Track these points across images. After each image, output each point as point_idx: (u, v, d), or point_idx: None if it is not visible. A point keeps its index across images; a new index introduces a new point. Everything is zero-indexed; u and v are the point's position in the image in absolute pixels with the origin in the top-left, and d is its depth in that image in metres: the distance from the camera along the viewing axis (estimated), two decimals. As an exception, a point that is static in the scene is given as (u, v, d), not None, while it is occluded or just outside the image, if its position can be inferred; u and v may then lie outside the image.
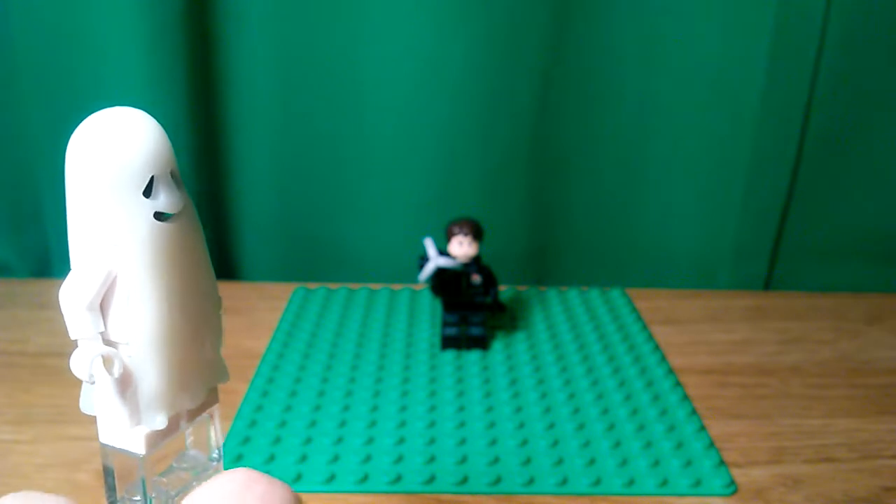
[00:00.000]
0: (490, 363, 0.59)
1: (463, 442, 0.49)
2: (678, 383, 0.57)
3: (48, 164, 0.70)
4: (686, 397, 0.55)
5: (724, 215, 0.74)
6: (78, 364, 0.26)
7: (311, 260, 0.76)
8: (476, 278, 0.60)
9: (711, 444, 0.49)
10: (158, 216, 0.26)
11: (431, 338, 0.63)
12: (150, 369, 0.26)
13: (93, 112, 0.25)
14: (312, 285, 0.72)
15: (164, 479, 0.29)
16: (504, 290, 0.70)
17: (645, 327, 0.66)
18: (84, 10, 0.65)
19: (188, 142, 0.69)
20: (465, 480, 0.46)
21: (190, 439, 0.30)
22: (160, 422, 0.27)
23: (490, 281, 0.60)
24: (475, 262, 0.59)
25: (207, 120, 0.70)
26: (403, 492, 0.45)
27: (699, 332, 0.66)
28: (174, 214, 0.26)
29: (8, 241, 0.74)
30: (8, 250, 0.74)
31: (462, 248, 0.58)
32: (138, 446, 0.27)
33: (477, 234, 0.58)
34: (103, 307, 0.26)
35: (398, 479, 0.46)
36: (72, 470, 0.46)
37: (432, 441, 0.49)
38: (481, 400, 0.54)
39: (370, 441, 0.49)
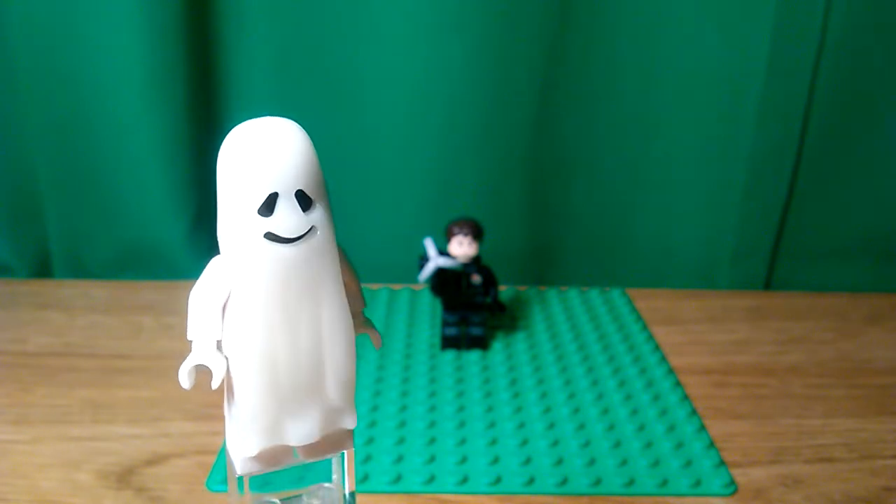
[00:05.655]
0: (490, 363, 0.59)
1: (463, 442, 0.49)
2: (678, 383, 0.57)
3: (48, 165, 0.70)
4: (686, 397, 0.55)
5: (724, 215, 0.74)
6: (181, 369, 0.24)
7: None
8: (476, 278, 0.60)
9: (711, 444, 0.49)
10: (273, 237, 0.23)
11: (431, 338, 0.63)
12: (242, 392, 0.25)
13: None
14: (312, 285, 0.72)
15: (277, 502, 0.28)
16: (504, 290, 0.70)
17: (645, 327, 0.66)
18: (84, 11, 0.65)
19: (187, 143, 0.69)
20: (465, 480, 0.46)
21: (335, 476, 0.29)
22: (250, 448, 0.25)
23: (490, 281, 0.60)
24: (475, 262, 0.59)
25: (207, 121, 0.70)
26: (403, 492, 0.45)
27: (699, 332, 0.66)
28: (295, 238, 0.24)
29: (8, 241, 0.74)
30: (8, 250, 0.74)
31: (462, 248, 0.58)
32: (236, 464, 0.26)
33: (477, 234, 0.58)
34: (224, 317, 0.24)
35: (399, 478, 0.46)
36: (72, 470, 0.46)
37: (433, 441, 0.49)
38: (481, 400, 0.54)
39: (370, 441, 0.49)
